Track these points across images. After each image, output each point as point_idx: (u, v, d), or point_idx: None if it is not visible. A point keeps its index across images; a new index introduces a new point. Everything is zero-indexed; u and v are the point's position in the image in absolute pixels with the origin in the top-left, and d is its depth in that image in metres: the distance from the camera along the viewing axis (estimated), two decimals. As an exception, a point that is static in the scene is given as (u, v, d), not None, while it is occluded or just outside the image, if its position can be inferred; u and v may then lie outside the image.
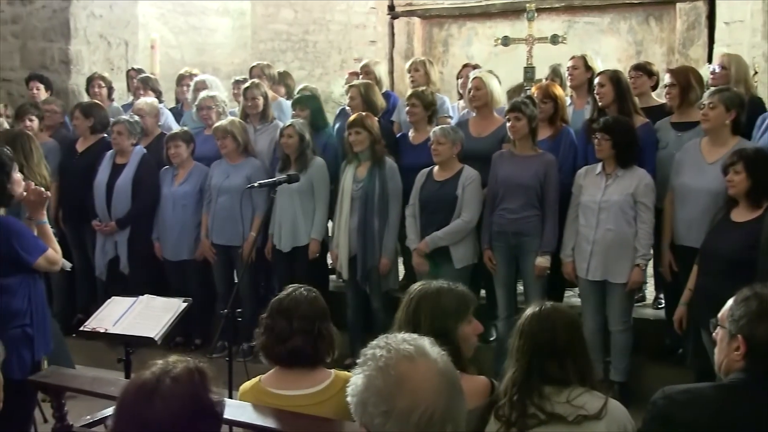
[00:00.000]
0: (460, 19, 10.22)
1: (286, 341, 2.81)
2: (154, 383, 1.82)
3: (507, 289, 5.24)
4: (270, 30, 11.01)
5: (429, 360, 1.62)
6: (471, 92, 5.56)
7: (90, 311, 4.61)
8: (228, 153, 5.85)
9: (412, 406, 1.55)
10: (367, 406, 1.59)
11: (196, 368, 1.90)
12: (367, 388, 1.60)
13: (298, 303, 2.87)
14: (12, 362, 3.56)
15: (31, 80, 7.09)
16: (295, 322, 2.82)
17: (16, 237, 3.70)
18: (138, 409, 1.80)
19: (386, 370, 1.60)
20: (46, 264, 3.85)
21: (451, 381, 1.61)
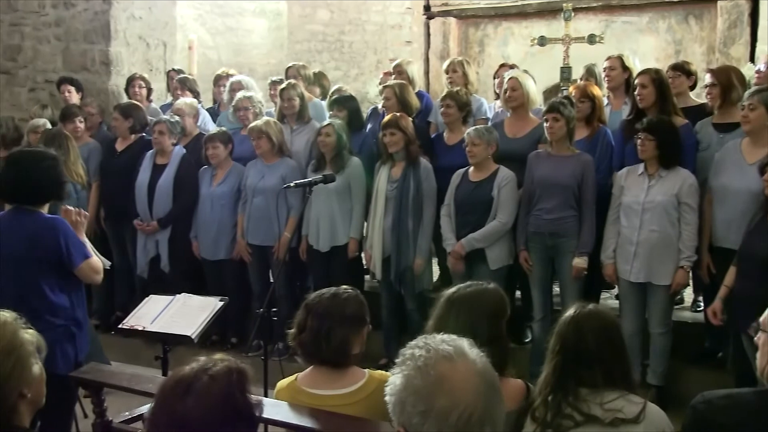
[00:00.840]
0: (496, 19, 10.16)
1: (319, 341, 2.82)
2: (191, 379, 1.84)
3: (543, 290, 5.21)
4: (306, 30, 11.06)
5: (468, 361, 1.62)
6: (507, 92, 5.53)
7: (128, 309, 4.68)
8: (263, 153, 5.89)
9: (451, 406, 1.55)
10: (405, 406, 1.59)
11: (236, 368, 1.90)
12: (406, 388, 1.60)
13: (334, 303, 2.88)
14: (56, 357, 3.62)
15: (62, 83, 7.20)
16: (328, 322, 2.82)
17: (64, 237, 3.76)
18: (172, 402, 1.82)
19: (425, 369, 1.60)
20: (88, 270, 3.87)
21: (490, 382, 1.61)
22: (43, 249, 3.72)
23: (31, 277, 3.73)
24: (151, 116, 6.78)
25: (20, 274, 3.73)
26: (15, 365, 2.09)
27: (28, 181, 3.79)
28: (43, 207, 3.85)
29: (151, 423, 1.85)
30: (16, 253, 3.73)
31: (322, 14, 11.00)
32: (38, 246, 3.72)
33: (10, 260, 3.76)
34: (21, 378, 2.10)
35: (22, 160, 3.90)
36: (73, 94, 7.14)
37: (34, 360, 2.17)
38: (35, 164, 3.81)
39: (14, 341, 2.12)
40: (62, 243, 3.75)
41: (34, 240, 3.72)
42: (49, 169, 3.84)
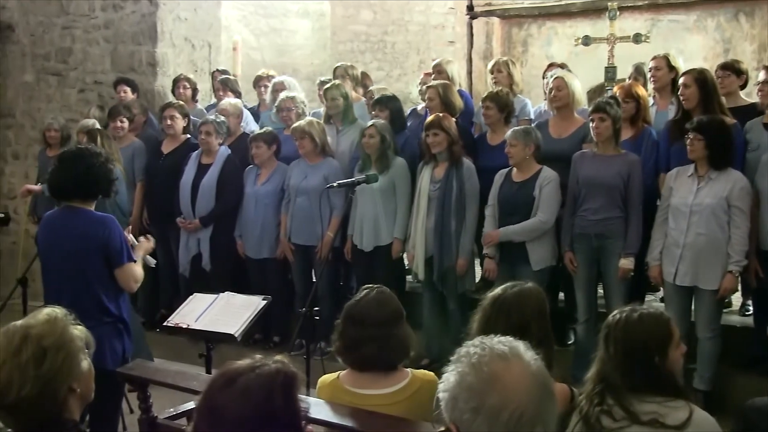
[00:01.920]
0: (539, 18, 10.09)
1: (358, 348, 2.82)
2: (237, 374, 1.85)
3: (587, 292, 5.15)
4: (349, 31, 11.10)
5: (523, 361, 1.62)
6: (552, 92, 5.49)
7: (173, 307, 4.73)
8: (306, 153, 5.92)
9: (503, 404, 1.55)
10: (457, 402, 1.60)
11: (284, 371, 1.88)
12: (459, 384, 1.60)
13: (369, 309, 2.87)
14: (105, 353, 3.69)
15: (119, 84, 7.32)
16: (366, 329, 2.82)
17: (112, 236, 3.82)
18: (214, 394, 1.83)
19: (479, 366, 1.61)
20: (129, 272, 3.91)
21: (544, 384, 1.61)
22: (94, 246, 3.78)
23: (82, 274, 3.79)
24: (196, 117, 6.86)
25: (71, 272, 3.80)
26: (65, 360, 2.13)
27: (77, 179, 3.85)
28: (91, 204, 3.91)
29: (201, 420, 1.87)
30: (67, 251, 3.81)
31: (365, 15, 11.02)
32: (89, 243, 3.78)
33: (61, 258, 3.84)
34: (70, 373, 2.14)
35: (70, 158, 3.97)
36: (129, 94, 7.26)
37: (83, 356, 2.21)
38: (83, 162, 3.87)
39: (64, 337, 2.16)
40: (111, 239, 3.81)
41: (85, 237, 3.78)
42: (96, 166, 3.89)
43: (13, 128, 8.47)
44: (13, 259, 8.32)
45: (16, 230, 8.43)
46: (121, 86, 7.29)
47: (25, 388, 2.06)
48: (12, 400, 2.07)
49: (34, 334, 2.12)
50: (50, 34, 8.09)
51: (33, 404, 2.08)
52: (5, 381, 2.07)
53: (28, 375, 2.07)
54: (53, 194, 4.03)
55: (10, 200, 8.60)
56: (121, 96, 7.23)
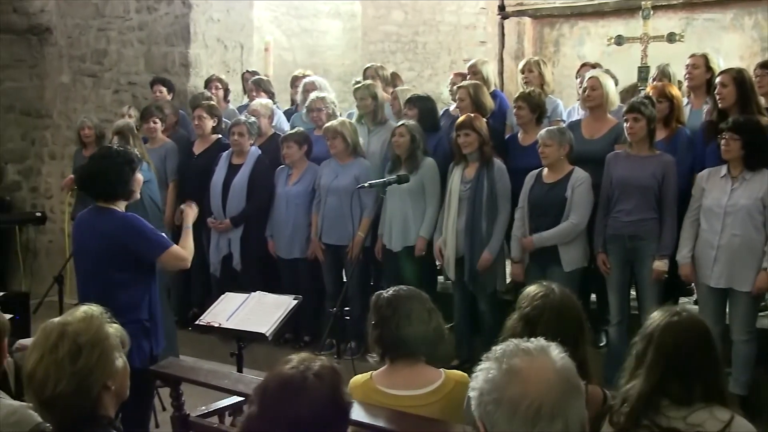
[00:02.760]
0: (571, 18, 10.02)
1: (399, 336, 2.83)
2: (300, 380, 1.87)
3: (620, 294, 5.10)
4: (380, 31, 11.11)
5: (547, 357, 1.63)
6: (586, 92, 5.45)
7: (204, 305, 4.77)
8: (337, 153, 5.94)
9: (521, 395, 1.56)
10: (482, 395, 1.61)
11: (333, 367, 1.94)
12: (484, 378, 1.62)
13: (410, 300, 2.89)
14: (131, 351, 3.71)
15: (155, 84, 7.40)
16: (408, 319, 2.83)
17: (137, 233, 3.84)
18: (284, 403, 1.85)
19: (501, 359, 1.63)
20: (171, 259, 3.94)
21: (568, 381, 1.60)
22: (120, 246, 3.80)
23: (106, 273, 3.82)
24: (227, 117, 6.91)
25: (99, 271, 3.84)
26: (99, 357, 2.16)
27: (101, 177, 3.88)
28: (118, 204, 3.92)
29: (260, 421, 1.88)
30: (95, 251, 3.85)
31: (396, 15, 11.02)
32: (115, 243, 3.80)
33: (89, 258, 3.88)
34: (105, 370, 2.17)
35: (95, 157, 4.03)
36: (164, 94, 7.33)
37: (118, 353, 2.24)
38: (103, 162, 3.91)
39: (99, 334, 2.19)
40: (136, 240, 3.83)
41: (110, 238, 3.81)
42: (112, 167, 3.89)
43: (50, 129, 8.61)
44: (50, 257, 8.46)
45: (52, 229, 8.58)
46: (157, 86, 7.36)
47: (61, 383, 2.09)
48: (49, 396, 2.10)
49: (71, 331, 2.15)
50: (86, 36, 8.21)
51: (68, 400, 2.11)
52: (42, 376, 2.10)
53: (64, 371, 2.10)
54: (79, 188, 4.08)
55: (47, 199, 8.74)
56: (156, 96, 7.30)
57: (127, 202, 4.01)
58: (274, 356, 1.99)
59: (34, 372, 2.11)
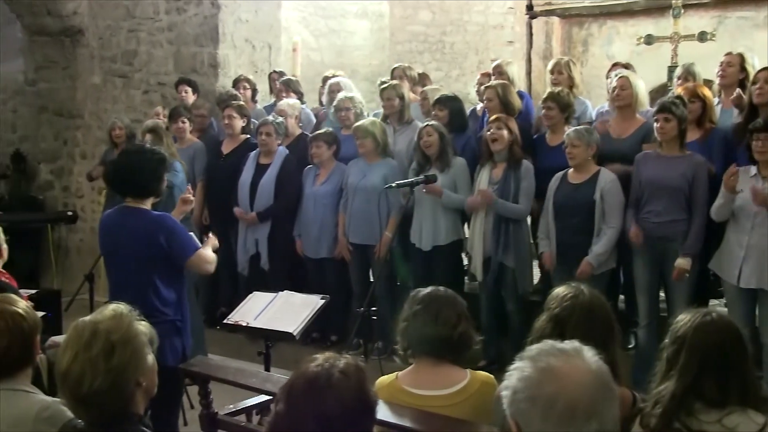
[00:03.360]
0: (600, 17, 9.95)
1: (422, 333, 2.83)
2: (326, 377, 1.88)
3: (649, 295, 5.05)
4: (408, 32, 11.11)
5: (582, 359, 1.62)
6: (615, 91, 5.41)
7: (232, 304, 4.80)
8: (366, 153, 5.95)
9: (557, 394, 1.55)
10: (516, 393, 1.61)
11: (357, 364, 1.95)
12: (518, 377, 1.62)
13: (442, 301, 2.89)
14: (165, 350, 3.75)
15: (180, 84, 7.46)
16: (435, 318, 2.83)
17: (170, 233, 3.85)
18: (311, 400, 1.86)
19: (538, 358, 1.63)
20: (199, 261, 3.95)
21: (603, 382, 1.60)
22: (151, 246, 3.81)
23: (140, 273, 3.83)
24: (255, 118, 6.95)
25: (130, 271, 3.86)
26: (132, 355, 2.18)
27: (134, 174, 3.90)
28: (146, 203, 3.93)
29: (288, 419, 1.89)
30: (124, 253, 3.86)
31: (423, 15, 11.02)
32: (146, 243, 3.81)
33: (119, 259, 3.90)
34: (137, 367, 2.20)
35: (126, 154, 4.05)
36: (189, 94, 7.39)
37: (147, 350, 2.27)
38: (136, 160, 3.92)
39: (130, 332, 2.22)
40: (169, 240, 3.83)
41: (141, 238, 3.82)
42: (147, 166, 3.91)
43: (82, 129, 8.72)
44: (80, 255, 8.58)
45: (83, 228, 8.69)
46: (182, 86, 7.43)
47: (97, 381, 2.12)
48: (85, 393, 2.12)
49: (103, 329, 2.18)
50: (117, 37, 8.30)
51: (103, 397, 2.13)
52: (78, 374, 2.13)
53: (99, 368, 2.12)
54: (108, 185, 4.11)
55: (78, 199, 8.86)
56: (182, 96, 7.37)
57: (156, 199, 4.03)
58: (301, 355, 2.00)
59: (68, 370, 2.14)
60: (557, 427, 1.54)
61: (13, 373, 2.63)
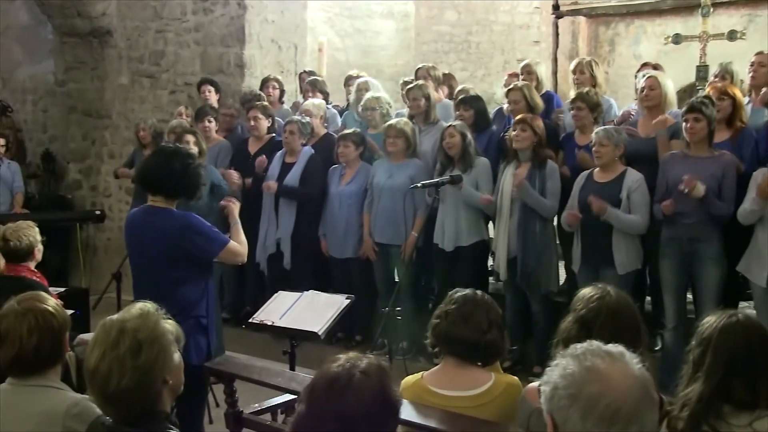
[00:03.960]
0: (627, 17, 9.87)
1: (450, 332, 2.83)
2: (347, 377, 1.88)
3: (677, 297, 5.00)
4: (433, 32, 11.10)
5: (626, 363, 1.62)
6: (644, 91, 5.36)
7: (258, 304, 4.82)
8: (396, 152, 5.94)
9: (601, 394, 1.55)
10: (557, 390, 1.61)
11: (380, 365, 1.95)
12: (561, 374, 1.62)
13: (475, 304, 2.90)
14: (189, 349, 3.76)
15: (203, 84, 7.51)
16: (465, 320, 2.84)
17: (197, 232, 3.84)
18: (331, 400, 1.86)
19: (582, 357, 1.62)
20: (228, 255, 3.95)
21: (645, 387, 1.59)
22: (175, 245, 3.80)
23: (165, 271, 3.82)
24: (282, 117, 6.98)
25: (154, 270, 3.85)
26: (159, 353, 2.20)
27: (162, 175, 3.88)
28: (173, 203, 3.92)
29: (309, 419, 1.89)
30: (151, 250, 3.85)
31: (449, 15, 11.01)
32: (169, 243, 3.80)
33: (145, 256, 3.90)
34: (164, 365, 2.21)
35: (167, 154, 4.03)
36: (212, 94, 7.44)
37: (174, 349, 2.28)
38: (179, 161, 3.90)
39: (157, 330, 2.23)
40: (193, 238, 3.82)
41: (165, 237, 3.80)
42: (191, 167, 3.91)
43: (110, 129, 8.81)
44: (108, 254, 8.66)
45: (111, 227, 8.78)
46: (205, 86, 7.47)
47: (124, 379, 2.13)
48: (112, 391, 2.14)
49: (130, 328, 2.20)
50: (145, 37, 8.38)
51: (131, 395, 2.15)
52: (106, 372, 2.14)
53: (126, 367, 2.14)
54: (140, 183, 4.11)
55: (105, 198, 8.95)
56: (205, 96, 7.42)
57: (190, 200, 4.05)
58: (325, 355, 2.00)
59: (96, 368, 2.16)
60: (597, 428, 1.54)
61: (44, 369, 2.67)
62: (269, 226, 6.43)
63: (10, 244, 4.34)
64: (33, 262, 4.47)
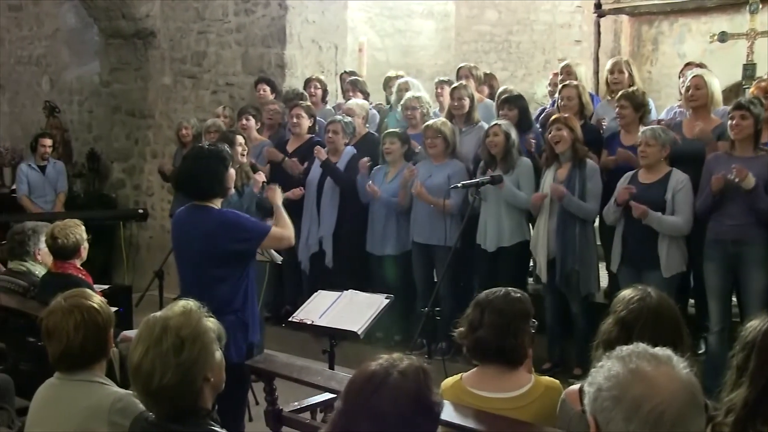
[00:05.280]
0: (671, 15, 9.71)
1: (475, 331, 2.82)
2: (383, 376, 1.89)
3: (722, 300, 4.92)
4: (473, 31, 11.05)
5: (673, 366, 1.60)
6: (689, 91, 5.27)
7: (297, 303, 4.86)
8: (436, 153, 5.94)
9: (645, 397, 1.53)
10: (600, 391, 1.59)
11: (420, 366, 1.94)
12: (605, 375, 1.60)
13: (496, 298, 2.87)
14: (229, 346, 3.79)
15: (259, 83, 7.57)
16: (486, 315, 2.82)
17: (237, 228, 3.87)
18: (365, 397, 1.87)
19: (628, 359, 1.60)
20: (272, 242, 4.00)
21: (693, 394, 1.57)
22: (216, 243, 3.83)
23: (207, 269, 3.86)
24: (324, 117, 7.01)
25: (197, 267, 3.90)
26: (201, 350, 2.23)
27: (197, 178, 3.93)
28: (214, 202, 3.94)
29: (344, 415, 1.90)
30: (193, 248, 3.90)
31: (489, 14, 10.95)
32: (212, 241, 3.83)
33: (188, 255, 3.95)
34: (206, 363, 2.24)
35: (191, 156, 4.11)
36: (268, 93, 7.50)
37: (216, 347, 2.31)
38: (203, 161, 3.94)
39: (199, 328, 2.26)
40: (234, 234, 3.84)
41: (208, 236, 3.84)
42: (214, 165, 3.92)
43: (153, 128, 8.93)
44: (150, 252, 8.79)
45: (153, 225, 8.90)
46: (261, 85, 7.53)
47: (167, 376, 2.17)
48: (155, 387, 2.18)
49: (173, 325, 2.23)
50: (187, 38, 8.48)
51: (173, 392, 2.18)
52: (149, 369, 2.18)
53: (169, 363, 2.17)
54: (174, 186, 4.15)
55: (148, 197, 9.08)
56: (260, 95, 7.48)
57: (223, 199, 4.08)
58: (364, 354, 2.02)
59: (140, 365, 2.20)
60: (640, 431, 1.52)
61: (89, 365, 2.72)
62: (311, 225, 6.46)
63: (58, 241, 4.44)
64: (79, 259, 4.56)
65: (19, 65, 10.48)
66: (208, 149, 4.08)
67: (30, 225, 4.91)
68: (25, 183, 8.44)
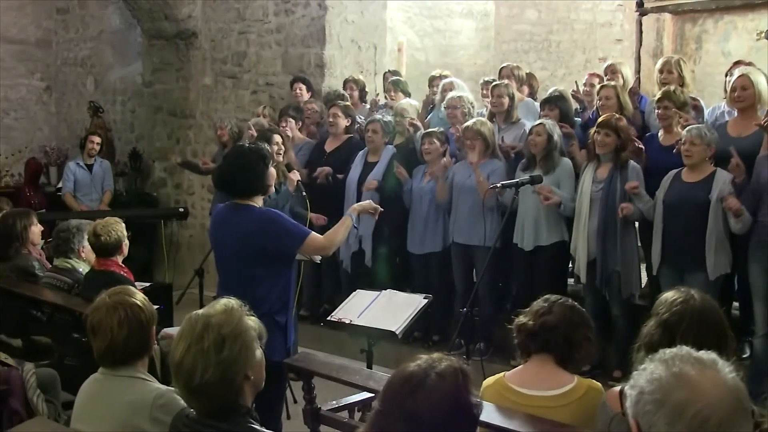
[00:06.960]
0: (716, 12, 9.51)
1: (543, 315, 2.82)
2: (421, 376, 1.88)
3: (767, 303, 4.83)
4: (513, 31, 10.99)
5: (718, 371, 1.57)
6: (736, 92, 5.17)
7: (335, 301, 4.87)
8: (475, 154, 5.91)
9: (689, 401, 1.51)
10: (643, 394, 1.57)
11: (460, 368, 1.94)
12: (648, 378, 1.58)
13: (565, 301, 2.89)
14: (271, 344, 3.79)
15: (295, 82, 7.61)
16: (557, 307, 2.84)
17: (277, 229, 3.85)
18: (402, 397, 1.87)
19: (671, 363, 1.58)
20: (309, 249, 3.94)
21: (739, 399, 1.53)
22: (255, 242, 3.82)
23: (246, 268, 3.86)
24: (362, 117, 7.03)
25: (236, 266, 3.89)
26: (241, 348, 2.25)
27: (237, 176, 3.92)
28: (255, 200, 3.93)
29: (381, 416, 1.91)
30: (234, 247, 3.90)
31: (529, 14, 10.88)
32: (253, 240, 3.82)
33: (229, 253, 3.95)
34: (247, 361, 2.26)
35: (231, 155, 4.13)
36: (304, 92, 7.54)
37: (256, 345, 2.33)
38: (243, 160, 3.94)
39: (240, 326, 2.28)
40: (273, 235, 3.83)
41: (249, 235, 3.83)
42: (254, 163, 3.93)
43: (193, 128, 9.04)
44: (191, 250, 8.89)
45: (193, 224, 9.00)
46: (297, 84, 7.57)
47: (208, 373, 2.19)
48: (196, 384, 2.20)
49: (214, 323, 2.25)
50: (228, 39, 8.56)
51: (214, 389, 2.20)
52: (191, 365, 2.20)
53: (210, 360, 2.20)
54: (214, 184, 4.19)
55: (189, 196, 9.18)
56: (296, 93, 7.52)
57: (264, 196, 4.10)
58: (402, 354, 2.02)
59: (181, 361, 2.22)
60: None
61: (132, 361, 2.76)
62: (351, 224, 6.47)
63: (101, 239, 4.50)
64: (120, 256, 4.62)
65: (65, 66, 10.70)
66: (249, 148, 4.10)
67: (74, 223, 5.00)
68: (71, 181, 8.61)
